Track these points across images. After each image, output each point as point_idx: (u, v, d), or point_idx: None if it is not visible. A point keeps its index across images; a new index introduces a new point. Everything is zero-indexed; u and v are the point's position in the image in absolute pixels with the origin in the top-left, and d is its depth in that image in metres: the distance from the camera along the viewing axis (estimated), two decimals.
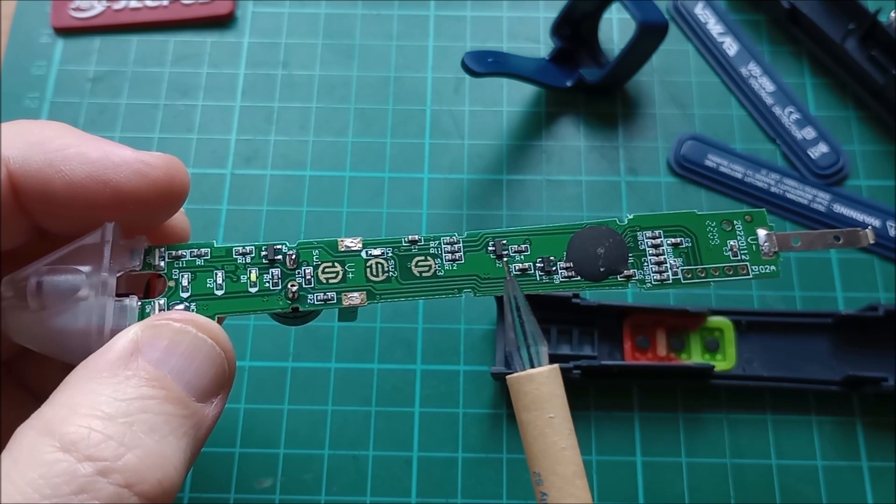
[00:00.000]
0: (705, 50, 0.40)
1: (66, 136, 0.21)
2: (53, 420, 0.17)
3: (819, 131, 0.38)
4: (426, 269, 0.22)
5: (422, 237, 0.22)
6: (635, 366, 0.32)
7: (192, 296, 0.21)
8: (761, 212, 0.23)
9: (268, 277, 0.22)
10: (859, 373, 0.31)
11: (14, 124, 0.21)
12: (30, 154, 0.20)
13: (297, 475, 0.32)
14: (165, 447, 0.18)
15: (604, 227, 0.23)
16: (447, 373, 0.34)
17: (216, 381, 0.20)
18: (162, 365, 0.19)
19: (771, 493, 0.32)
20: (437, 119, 0.38)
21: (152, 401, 0.18)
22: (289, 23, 0.41)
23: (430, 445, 0.32)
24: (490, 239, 0.23)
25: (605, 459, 0.32)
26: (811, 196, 0.36)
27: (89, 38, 0.40)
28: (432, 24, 0.41)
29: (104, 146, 0.21)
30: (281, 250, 0.22)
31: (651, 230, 0.23)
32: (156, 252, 0.22)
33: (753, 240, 0.23)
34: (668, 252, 0.23)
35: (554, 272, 0.22)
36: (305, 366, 0.34)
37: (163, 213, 0.23)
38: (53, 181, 0.20)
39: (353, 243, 0.22)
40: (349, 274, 0.22)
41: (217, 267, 0.22)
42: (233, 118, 0.38)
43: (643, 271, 0.23)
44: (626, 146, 0.38)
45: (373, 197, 0.37)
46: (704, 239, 0.23)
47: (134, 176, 0.21)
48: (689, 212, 0.23)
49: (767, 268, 0.23)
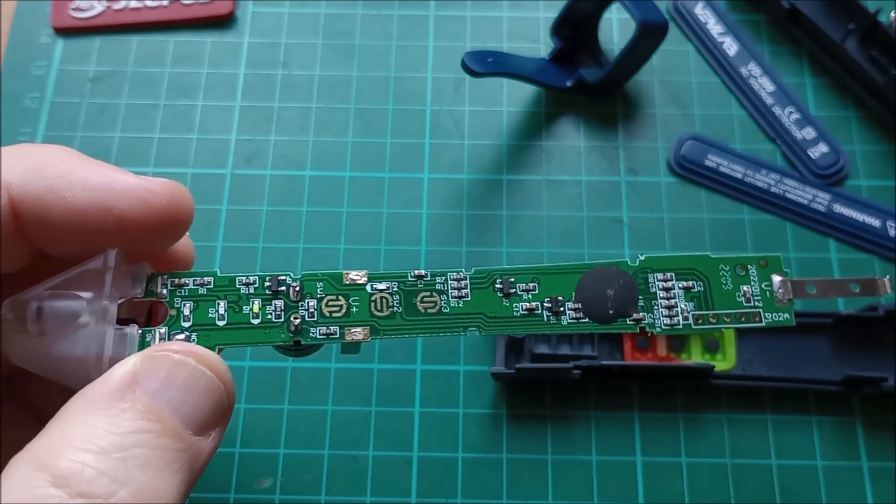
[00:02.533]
0: (705, 50, 0.40)
1: (69, 161, 0.21)
2: (47, 453, 0.17)
3: (819, 131, 0.38)
4: (431, 305, 0.22)
5: (428, 272, 0.22)
6: (635, 366, 0.32)
7: (194, 325, 0.21)
8: (776, 257, 0.23)
9: (270, 309, 0.22)
10: (859, 373, 0.31)
11: (15, 148, 0.21)
12: (31, 179, 0.20)
13: (297, 475, 0.32)
14: (159, 483, 0.17)
15: (614, 268, 0.22)
16: (447, 373, 0.34)
17: (214, 414, 0.20)
18: (159, 397, 0.18)
19: (771, 493, 0.32)
20: (437, 119, 0.38)
21: (148, 434, 0.18)
22: (289, 23, 0.41)
23: (430, 445, 0.32)
24: (498, 276, 0.22)
25: (605, 459, 0.32)
26: (811, 196, 0.36)
27: (89, 38, 0.40)
28: (432, 24, 0.41)
29: (107, 172, 0.21)
30: (285, 282, 0.22)
31: (662, 272, 0.23)
32: (158, 279, 0.22)
33: (767, 286, 0.22)
34: (679, 296, 0.22)
35: (562, 313, 0.22)
36: (305, 366, 0.34)
37: (166, 240, 0.22)
38: (55, 207, 0.20)
39: (359, 276, 0.22)
40: (353, 308, 0.22)
41: (220, 296, 0.22)
42: (233, 118, 0.38)
43: (653, 315, 0.22)
44: (626, 146, 0.38)
45: (373, 197, 0.37)
46: (717, 283, 0.22)
47: (137, 203, 0.21)
48: (702, 255, 0.23)
49: (781, 315, 0.22)
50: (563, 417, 0.33)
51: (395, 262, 0.35)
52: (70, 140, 0.38)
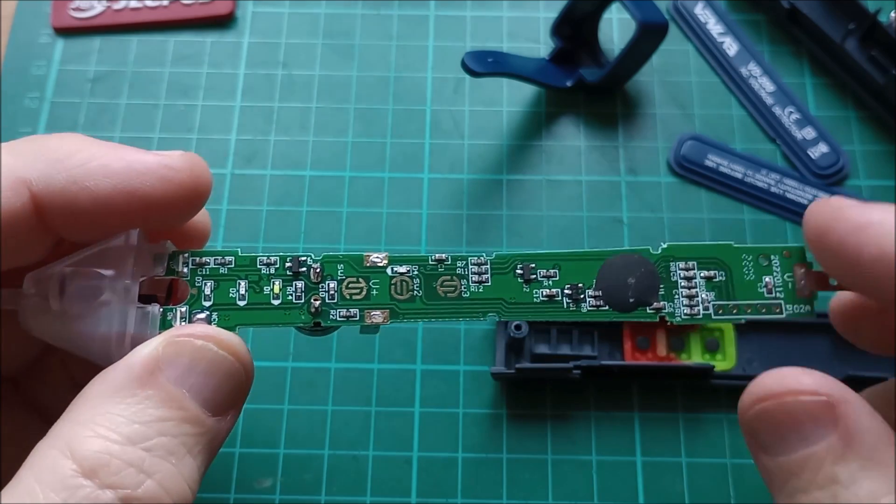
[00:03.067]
0: (705, 50, 0.40)
1: (86, 148, 0.20)
2: (74, 440, 0.17)
3: (819, 131, 0.38)
4: (451, 289, 0.22)
5: (449, 256, 0.22)
6: (635, 366, 0.32)
7: (214, 305, 0.21)
8: (800, 248, 0.22)
9: (291, 290, 0.22)
10: (859, 373, 0.31)
11: (30, 141, 0.20)
12: (51, 173, 0.20)
13: (297, 475, 0.32)
14: (183, 468, 0.18)
15: (636, 256, 0.22)
16: (447, 373, 0.34)
17: (234, 396, 0.20)
18: (181, 383, 0.19)
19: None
20: (437, 119, 0.38)
21: (170, 422, 0.18)
22: (289, 23, 0.41)
23: (430, 445, 0.32)
24: (518, 262, 0.22)
25: (605, 459, 0.32)
26: (811, 196, 0.36)
27: (89, 38, 0.40)
28: (432, 24, 0.41)
29: (125, 154, 0.21)
30: (306, 262, 0.22)
31: (684, 261, 0.22)
32: (180, 258, 0.21)
33: (790, 277, 0.22)
34: (700, 285, 0.22)
35: (582, 300, 0.22)
36: (305, 366, 0.34)
37: (188, 214, 0.22)
38: (79, 198, 0.20)
39: (379, 259, 0.22)
40: (373, 291, 0.22)
41: (241, 276, 0.22)
42: (233, 118, 0.38)
43: (673, 304, 0.22)
44: (626, 146, 0.38)
45: (373, 197, 0.37)
46: (739, 273, 0.22)
47: (160, 182, 0.20)
48: (725, 244, 0.22)
49: (802, 307, 0.22)
50: (563, 417, 0.33)
51: None
52: None
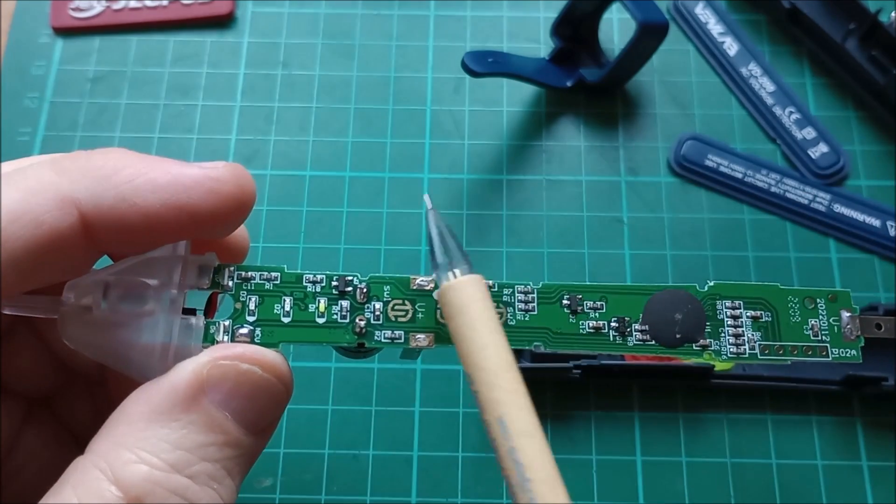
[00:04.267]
0: (705, 50, 0.40)
1: (132, 164, 0.20)
2: (116, 463, 0.17)
3: (819, 131, 0.38)
4: (498, 316, 0.21)
5: (496, 283, 0.22)
6: (635, 366, 0.32)
7: (259, 320, 0.21)
8: (846, 292, 0.22)
9: (336, 309, 0.21)
10: (859, 373, 0.31)
11: (74, 157, 0.20)
12: (99, 191, 0.19)
13: (297, 475, 0.32)
14: (223, 491, 0.18)
15: (683, 292, 0.22)
16: (447, 372, 0.34)
17: (274, 416, 0.20)
18: (224, 406, 0.19)
19: (771, 493, 0.32)
20: (437, 119, 0.38)
21: (213, 447, 0.18)
22: (289, 23, 0.41)
23: (430, 445, 0.32)
24: (565, 292, 0.22)
25: (605, 459, 0.32)
26: (811, 196, 0.36)
27: (89, 38, 0.40)
28: (432, 24, 0.41)
29: (171, 168, 0.20)
30: (352, 282, 0.21)
31: (731, 300, 0.22)
32: (225, 271, 0.21)
33: (836, 321, 0.22)
34: (746, 325, 0.22)
35: (628, 334, 0.22)
36: (305, 365, 0.34)
37: (233, 226, 0.22)
38: (127, 215, 0.19)
39: (426, 282, 0.22)
40: (419, 314, 0.21)
41: (286, 293, 0.21)
42: (233, 118, 0.38)
43: (720, 342, 0.22)
44: (626, 146, 0.38)
45: (373, 197, 0.37)
46: (785, 315, 0.22)
47: (207, 195, 0.20)
48: (772, 284, 0.22)
49: (848, 352, 0.22)
50: (564, 417, 0.33)
51: (396, 262, 0.35)
52: (70, 140, 0.38)
